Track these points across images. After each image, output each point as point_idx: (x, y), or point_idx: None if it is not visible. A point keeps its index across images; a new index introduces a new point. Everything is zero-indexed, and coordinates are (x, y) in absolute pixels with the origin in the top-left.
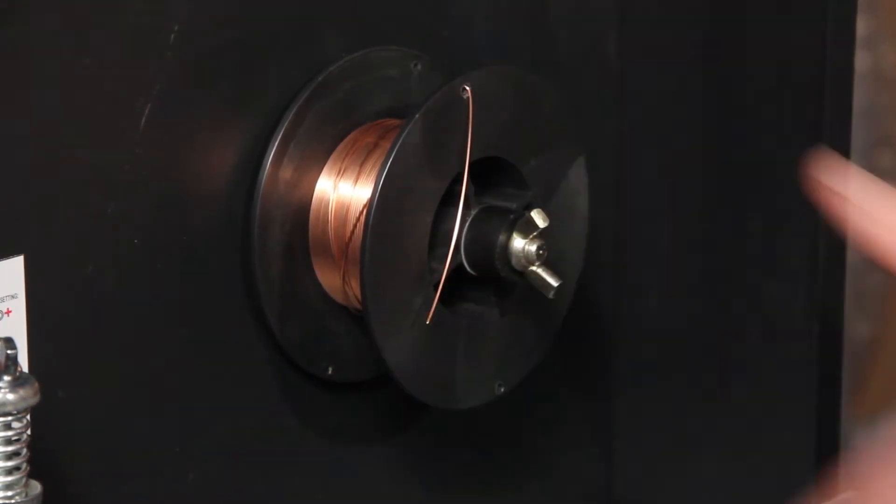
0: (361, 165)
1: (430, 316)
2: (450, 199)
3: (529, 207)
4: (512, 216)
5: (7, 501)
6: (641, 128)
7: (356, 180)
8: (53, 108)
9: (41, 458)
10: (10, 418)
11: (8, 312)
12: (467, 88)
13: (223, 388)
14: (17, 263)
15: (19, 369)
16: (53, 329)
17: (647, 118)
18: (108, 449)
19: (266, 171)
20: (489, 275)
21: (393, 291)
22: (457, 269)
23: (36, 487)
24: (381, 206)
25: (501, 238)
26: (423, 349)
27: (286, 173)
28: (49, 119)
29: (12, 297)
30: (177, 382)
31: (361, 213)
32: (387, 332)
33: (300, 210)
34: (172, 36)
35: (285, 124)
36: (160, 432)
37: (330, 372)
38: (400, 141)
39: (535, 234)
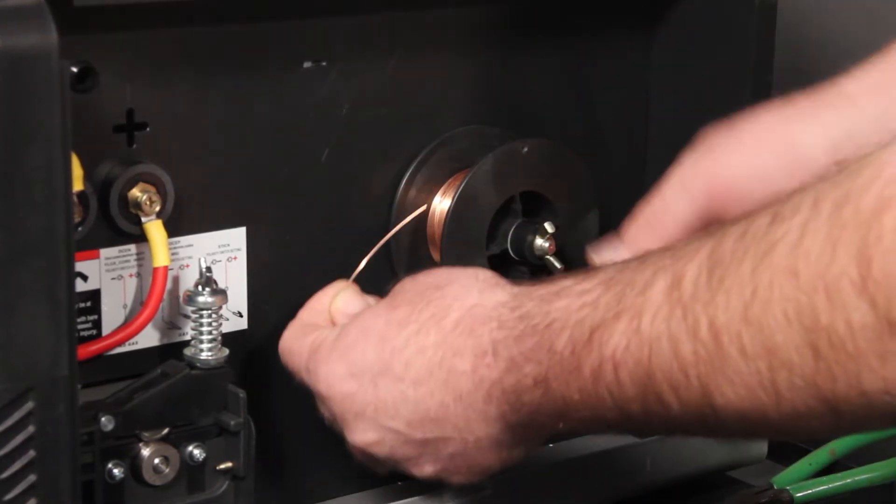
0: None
1: None
2: (505, 213)
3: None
4: (535, 225)
5: (207, 355)
6: None
7: (452, 198)
8: (271, 144)
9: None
10: (209, 311)
11: (235, 258)
12: (525, 147)
13: None
14: (241, 231)
15: (214, 285)
16: (260, 271)
17: None
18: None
19: (401, 189)
20: (524, 259)
21: (460, 259)
22: (504, 254)
23: (224, 351)
24: (455, 210)
25: (529, 237)
26: None
27: (413, 192)
28: (268, 150)
29: (238, 249)
30: None
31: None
32: None
33: (421, 214)
34: (344, 110)
35: (414, 164)
36: None
37: None
38: (473, 171)
39: (547, 235)
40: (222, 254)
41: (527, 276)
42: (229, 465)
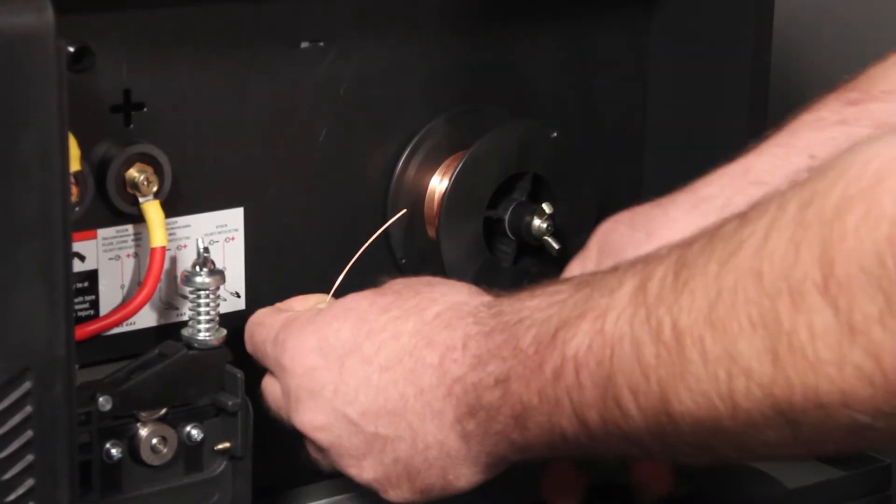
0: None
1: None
2: (507, 191)
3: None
4: (533, 206)
5: (205, 336)
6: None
7: (449, 178)
8: (269, 124)
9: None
10: (207, 291)
11: (233, 238)
12: (525, 129)
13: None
14: (239, 212)
15: (212, 265)
16: (258, 251)
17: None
18: None
19: (398, 169)
20: (520, 237)
21: (457, 231)
22: (499, 223)
23: (221, 331)
24: (452, 190)
25: (527, 218)
26: (467, 261)
27: (410, 172)
28: (266, 130)
29: (235, 230)
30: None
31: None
32: (451, 251)
33: (418, 194)
34: (342, 90)
35: (412, 144)
36: None
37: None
38: (471, 152)
39: (545, 216)
40: (220, 234)
41: (510, 254)
42: (227, 445)
